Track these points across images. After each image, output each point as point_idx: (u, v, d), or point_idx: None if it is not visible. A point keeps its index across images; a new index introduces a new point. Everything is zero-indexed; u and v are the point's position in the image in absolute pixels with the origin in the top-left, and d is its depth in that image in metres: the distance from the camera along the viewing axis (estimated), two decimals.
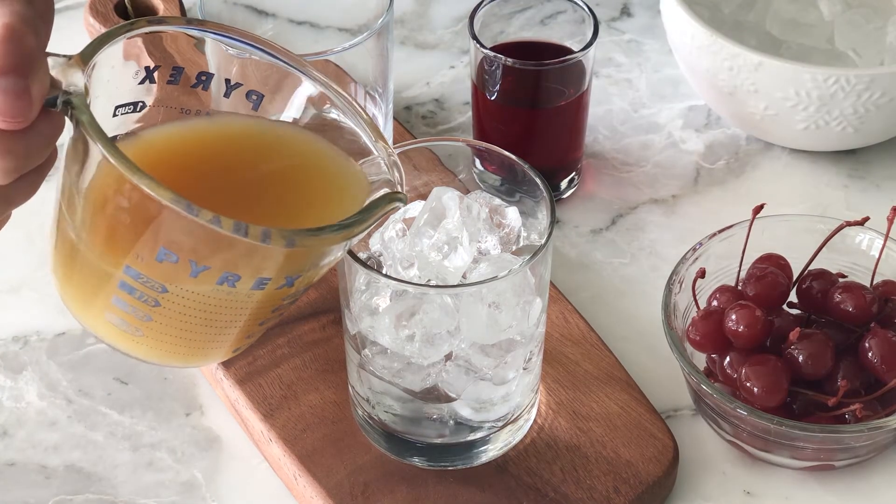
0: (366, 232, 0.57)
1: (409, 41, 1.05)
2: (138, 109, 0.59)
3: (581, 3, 0.87)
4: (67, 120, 0.53)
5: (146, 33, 0.58)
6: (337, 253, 0.58)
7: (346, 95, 0.63)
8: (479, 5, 0.87)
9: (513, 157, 0.70)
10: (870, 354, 0.73)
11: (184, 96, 0.60)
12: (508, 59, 0.84)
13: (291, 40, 0.92)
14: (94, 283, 0.56)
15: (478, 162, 0.80)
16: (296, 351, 0.78)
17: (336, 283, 0.70)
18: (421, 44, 1.05)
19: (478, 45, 0.85)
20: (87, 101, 0.52)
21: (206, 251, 0.53)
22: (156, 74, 0.59)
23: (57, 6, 0.99)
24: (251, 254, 0.54)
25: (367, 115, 0.63)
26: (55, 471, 0.76)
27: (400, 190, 0.60)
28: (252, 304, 0.57)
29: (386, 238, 0.69)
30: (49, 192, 0.92)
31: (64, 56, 0.53)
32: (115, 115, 0.58)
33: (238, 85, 0.61)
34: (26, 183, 0.53)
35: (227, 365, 0.77)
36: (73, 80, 0.53)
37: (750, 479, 0.75)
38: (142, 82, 0.59)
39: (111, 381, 0.80)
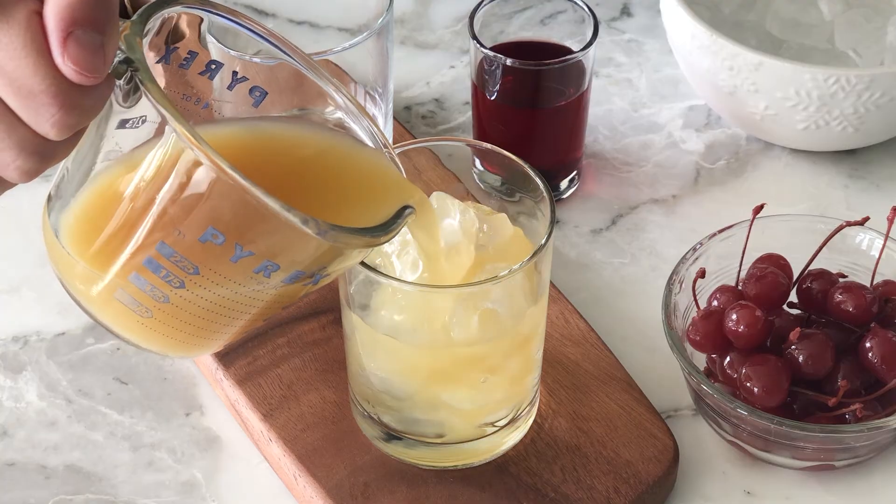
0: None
1: (409, 41, 1.05)
2: (140, 124, 0.59)
3: (581, 3, 0.87)
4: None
5: (192, 10, 0.57)
6: (362, 256, 0.59)
7: (350, 98, 0.63)
8: (479, 5, 0.87)
9: (513, 157, 0.70)
10: (870, 354, 0.73)
11: (189, 82, 0.60)
12: (508, 59, 0.84)
13: (291, 40, 0.92)
14: (114, 255, 0.55)
15: (478, 162, 0.80)
16: (296, 351, 0.78)
17: (336, 284, 0.70)
18: (421, 44, 1.05)
19: (478, 45, 0.85)
20: (151, 72, 0.52)
21: (256, 237, 0.53)
22: (172, 56, 0.59)
23: None
24: (299, 245, 0.53)
25: (369, 117, 0.63)
26: (55, 471, 0.76)
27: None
28: (275, 297, 0.56)
29: None
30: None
31: (128, 20, 0.53)
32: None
33: (244, 79, 0.61)
34: (71, 142, 0.53)
35: (226, 365, 0.77)
36: (130, 44, 0.52)
37: (750, 479, 0.75)
38: (158, 62, 0.58)
39: (111, 381, 0.80)
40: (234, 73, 0.61)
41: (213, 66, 0.60)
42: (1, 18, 0.48)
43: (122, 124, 0.55)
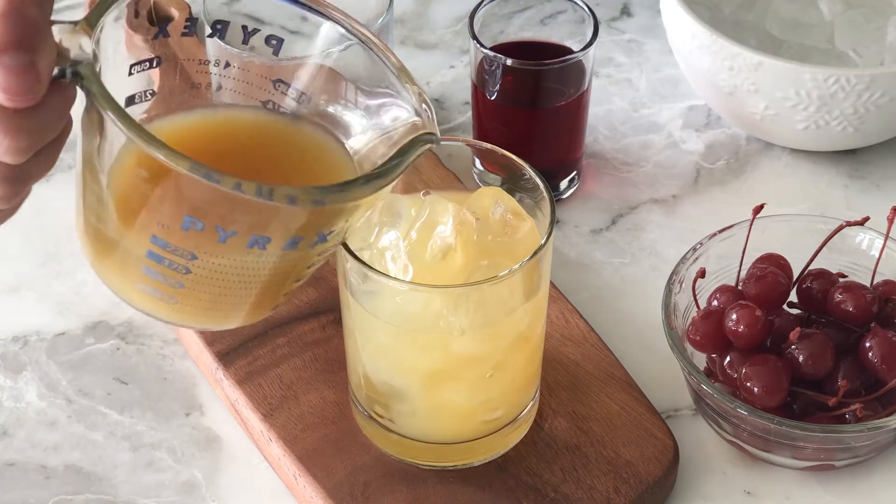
0: (397, 180, 0.56)
1: (409, 41, 1.05)
2: (154, 65, 0.58)
3: (581, 3, 0.87)
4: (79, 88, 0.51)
5: None
6: (370, 206, 0.58)
7: (371, 37, 0.62)
8: (479, 5, 0.87)
9: (513, 157, 0.70)
10: (870, 354, 0.73)
11: (197, 48, 0.60)
12: (508, 59, 0.84)
13: (290, 39, 0.92)
14: (123, 254, 0.56)
15: (478, 162, 0.80)
16: (296, 351, 0.78)
17: (336, 283, 0.70)
18: (421, 44, 1.05)
19: (478, 45, 0.85)
20: (98, 69, 0.51)
21: (231, 217, 0.52)
22: (169, 28, 0.58)
23: (57, 5, 0.99)
24: (278, 215, 0.53)
25: (396, 58, 0.62)
26: (55, 471, 0.76)
27: (432, 130, 0.59)
28: (287, 264, 0.56)
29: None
30: (50, 191, 0.92)
31: (70, 22, 0.51)
32: (130, 73, 0.57)
33: (256, 30, 0.61)
34: (43, 157, 0.51)
35: (226, 365, 0.77)
36: (82, 47, 0.51)
37: (750, 479, 0.75)
38: (156, 37, 0.58)
39: (111, 381, 0.80)
40: (244, 27, 0.61)
41: (220, 26, 0.60)
42: None
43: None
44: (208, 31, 0.62)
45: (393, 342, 0.68)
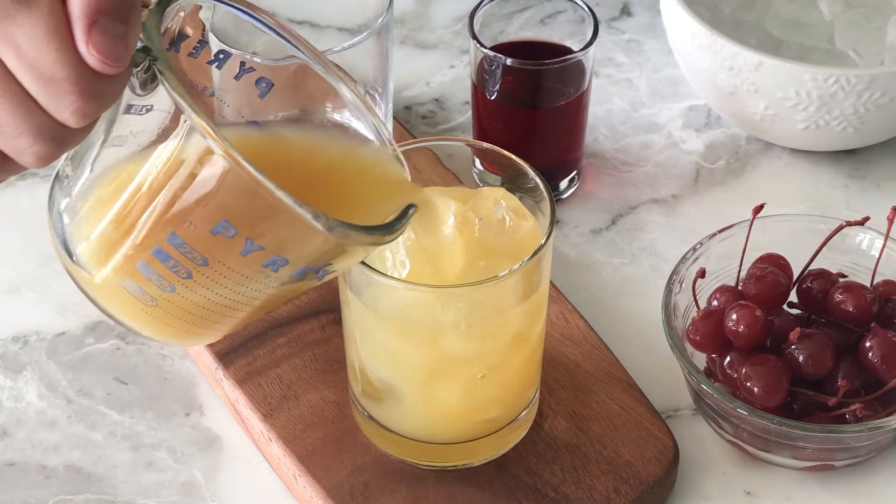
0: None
1: (409, 41, 1.05)
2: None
3: (581, 3, 0.87)
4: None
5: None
6: (366, 253, 0.59)
7: (357, 93, 0.63)
8: (479, 5, 0.87)
9: (513, 157, 0.70)
10: (870, 354, 0.73)
11: (197, 71, 0.60)
12: (508, 59, 0.84)
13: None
14: (117, 244, 0.55)
15: (478, 162, 0.80)
16: (296, 351, 0.78)
17: (336, 284, 0.70)
18: (421, 44, 1.05)
19: (478, 45, 0.85)
20: (170, 62, 0.52)
21: (267, 231, 0.53)
22: (182, 45, 0.59)
23: None
24: (308, 241, 0.54)
25: (375, 114, 0.63)
26: (55, 471, 0.76)
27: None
28: (281, 291, 0.57)
29: None
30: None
31: (150, 7, 0.53)
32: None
33: (251, 69, 0.61)
34: (87, 127, 0.53)
35: (226, 365, 0.77)
36: (149, 33, 0.53)
37: (750, 479, 0.75)
38: (169, 49, 0.58)
39: (111, 381, 0.80)
40: (242, 63, 0.61)
41: (222, 56, 0.61)
42: (24, 4, 0.48)
43: (128, 109, 0.55)
44: (211, 55, 0.63)
45: (388, 337, 0.68)
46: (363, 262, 0.64)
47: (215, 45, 0.64)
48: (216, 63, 0.61)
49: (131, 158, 0.55)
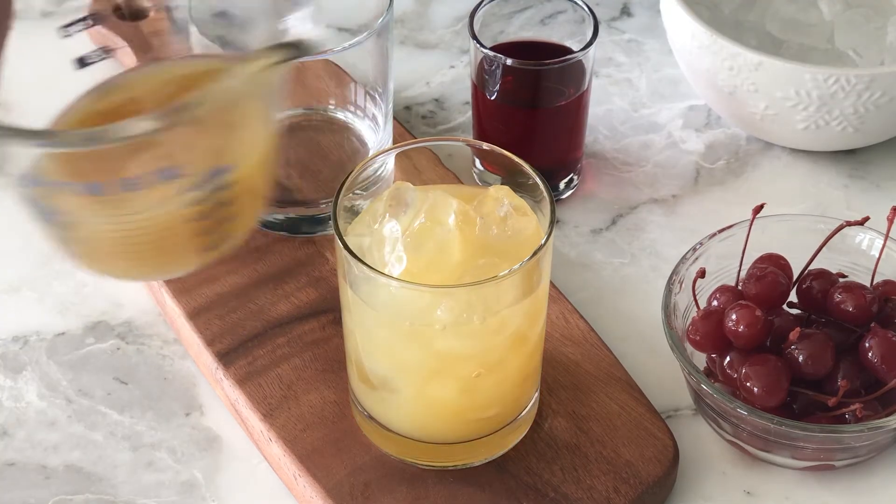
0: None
1: (409, 41, 1.05)
2: (91, 24, 0.61)
3: (581, 3, 0.87)
4: None
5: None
6: (264, 114, 0.60)
7: None
8: (479, 5, 0.87)
9: (513, 157, 0.70)
10: (870, 354, 0.73)
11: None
12: (508, 59, 0.84)
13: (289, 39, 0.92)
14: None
15: (478, 162, 0.80)
16: (296, 351, 0.78)
17: (336, 283, 0.70)
18: (421, 44, 1.05)
19: (478, 45, 0.85)
20: None
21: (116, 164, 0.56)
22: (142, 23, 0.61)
23: (58, 8, 0.99)
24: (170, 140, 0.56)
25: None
26: (55, 471, 0.76)
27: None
28: (179, 212, 0.59)
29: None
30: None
31: None
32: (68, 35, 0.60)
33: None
34: None
35: (226, 365, 0.77)
36: None
37: (750, 479, 0.75)
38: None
39: (111, 381, 0.80)
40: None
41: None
42: None
43: None
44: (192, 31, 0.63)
45: (384, 332, 0.68)
46: (363, 262, 0.64)
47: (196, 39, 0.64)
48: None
49: None
